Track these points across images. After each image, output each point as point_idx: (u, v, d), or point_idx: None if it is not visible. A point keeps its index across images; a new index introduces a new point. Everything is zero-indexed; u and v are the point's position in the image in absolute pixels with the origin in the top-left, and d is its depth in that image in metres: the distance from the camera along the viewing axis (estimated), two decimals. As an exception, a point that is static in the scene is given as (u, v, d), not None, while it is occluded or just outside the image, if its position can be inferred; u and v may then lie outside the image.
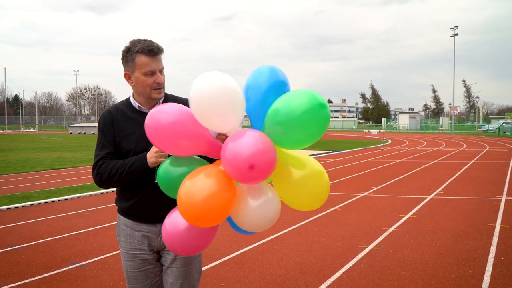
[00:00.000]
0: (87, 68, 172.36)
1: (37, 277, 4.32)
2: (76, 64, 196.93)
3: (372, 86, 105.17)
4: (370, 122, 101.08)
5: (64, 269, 4.55)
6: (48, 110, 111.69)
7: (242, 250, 5.08)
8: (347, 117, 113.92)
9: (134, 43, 2.16)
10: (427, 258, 4.81)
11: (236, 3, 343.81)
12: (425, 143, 29.37)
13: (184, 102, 2.28)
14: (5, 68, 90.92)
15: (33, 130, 66.14)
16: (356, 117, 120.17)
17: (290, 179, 1.83)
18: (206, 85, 1.74)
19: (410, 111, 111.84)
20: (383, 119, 78.45)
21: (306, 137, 1.75)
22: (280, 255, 4.95)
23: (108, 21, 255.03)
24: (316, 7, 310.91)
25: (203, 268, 4.44)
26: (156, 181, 1.98)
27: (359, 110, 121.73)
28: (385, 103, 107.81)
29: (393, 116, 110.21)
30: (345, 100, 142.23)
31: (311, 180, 1.84)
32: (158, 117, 1.79)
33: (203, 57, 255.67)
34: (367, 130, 37.45)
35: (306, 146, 1.81)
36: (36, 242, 5.55)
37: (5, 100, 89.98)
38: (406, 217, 6.81)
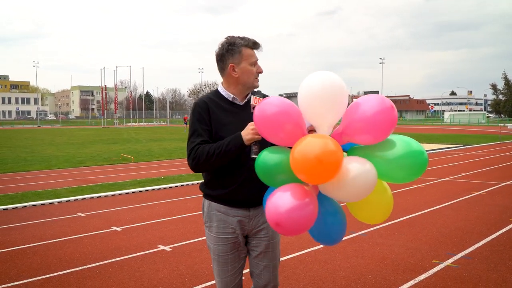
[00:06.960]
0: (209, 66, 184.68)
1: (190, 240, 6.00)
2: (200, 62, 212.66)
3: (505, 75, 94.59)
4: (502, 115, 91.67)
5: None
6: (174, 105, 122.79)
7: (394, 221, 6.28)
8: (474, 111, 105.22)
9: (236, 38, 2.36)
10: None
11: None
12: None
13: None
14: (142, 68, 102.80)
15: (163, 123, 73.88)
16: (484, 110, 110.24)
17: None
18: (313, 83, 1.98)
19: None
20: (518, 112, 70.76)
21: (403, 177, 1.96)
22: (441, 221, 6.04)
23: (223, 21, 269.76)
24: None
25: (365, 230, 5.73)
26: (252, 155, 2.19)
27: (489, 102, 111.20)
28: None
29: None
30: (471, 92, 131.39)
31: (374, 194, 1.97)
32: (265, 108, 1.99)
33: (312, 51, 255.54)
34: (502, 124, 34.99)
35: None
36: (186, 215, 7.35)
37: (142, 97, 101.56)
38: (555, 201, 7.28)
